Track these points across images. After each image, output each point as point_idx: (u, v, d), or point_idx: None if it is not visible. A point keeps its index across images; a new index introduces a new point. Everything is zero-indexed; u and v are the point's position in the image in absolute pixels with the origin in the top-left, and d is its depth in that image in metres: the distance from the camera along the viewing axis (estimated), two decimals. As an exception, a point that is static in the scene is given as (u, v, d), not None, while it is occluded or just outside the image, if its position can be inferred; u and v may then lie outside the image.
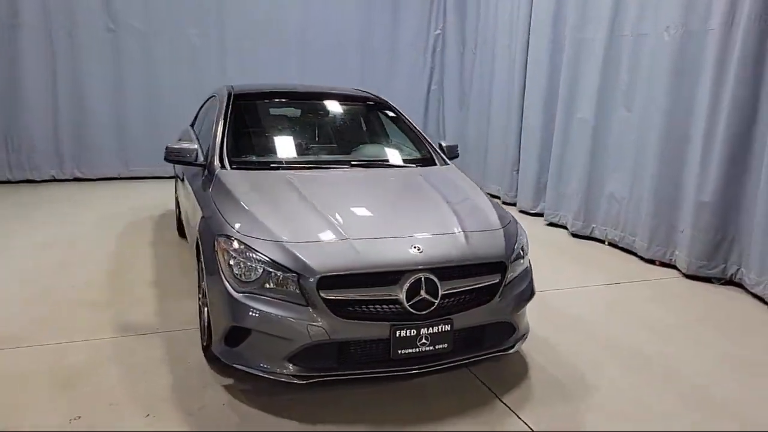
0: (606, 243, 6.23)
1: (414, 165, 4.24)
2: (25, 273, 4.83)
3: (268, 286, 2.94)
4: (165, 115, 8.89)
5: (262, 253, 2.94)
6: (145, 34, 8.64)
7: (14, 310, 4.10)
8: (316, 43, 9.48)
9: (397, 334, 2.89)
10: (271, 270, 2.92)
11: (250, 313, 2.90)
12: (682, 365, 3.64)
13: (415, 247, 3.00)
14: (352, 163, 4.10)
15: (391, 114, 4.77)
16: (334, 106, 4.80)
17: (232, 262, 3.01)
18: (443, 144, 4.58)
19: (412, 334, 2.91)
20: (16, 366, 3.35)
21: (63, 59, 8.31)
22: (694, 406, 3.19)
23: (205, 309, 3.37)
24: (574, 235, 6.51)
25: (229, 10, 8.96)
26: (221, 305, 3.03)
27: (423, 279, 2.91)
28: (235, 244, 3.01)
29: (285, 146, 4.32)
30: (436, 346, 2.97)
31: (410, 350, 2.93)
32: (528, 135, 7.40)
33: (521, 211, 7.49)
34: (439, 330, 2.96)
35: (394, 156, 4.43)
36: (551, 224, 6.93)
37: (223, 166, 3.81)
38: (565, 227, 6.72)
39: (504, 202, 7.78)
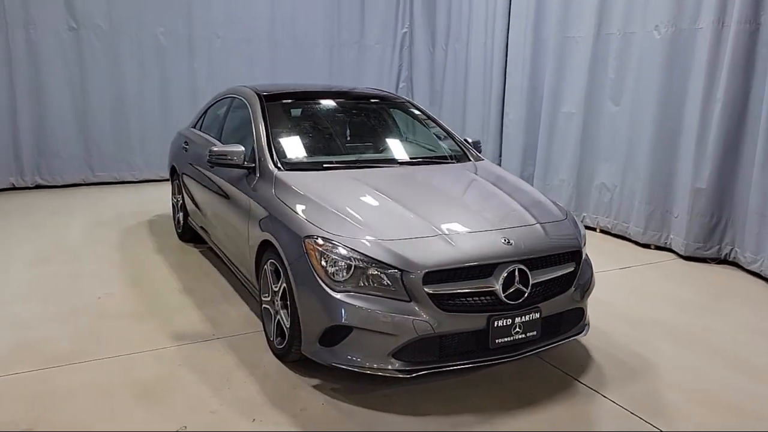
0: (597, 230, 6.57)
1: (453, 161, 4.36)
2: (36, 289, 4.56)
3: (363, 283, 2.97)
4: (132, 117, 8.61)
5: (360, 252, 2.97)
6: (109, 32, 8.28)
7: (52, 327, 3.89)
8: (285, 40, 9.41)
9: (495, 324, 3.00)
10: (369, 268, 2.95)
11: (352, 312, 2.93)
12: (717, 338, 3.96)
13: (504, 240, 3.12)
14: (399, 161, 4.18)
15: (417, 112, 4.86)
16: (363, 106, 4.83)
17: (324, 263, 3.02)
18: (469, 140, 4.72)
19: (507, 323, 3.03)
20: (90, 379, 3.22)
21: (21, 59, 7.82)
22: (746, 374, 3.48)
23: (282, 312, 3.36)
24: (565, 224, 6.82)
25: (197, 7, 8.72)
26: (316, 306, 3.03)
27: (516, 270, 3.04)
28: (329, 245, 3.02)
29: (329, 146, 4.33)
30: (527, 334, 3.11)
31: (506, 339, 3.05)
32: (511, 129, 7.67)
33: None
34: (530, 318, 3.10)
35: (433, 152, 4.51)
36: (539, 215, 7.22)
37: (279, 169, 3.79)
38: (553, 217, 7.02)
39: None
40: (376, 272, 2.96)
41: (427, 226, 3.15)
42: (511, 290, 3.03)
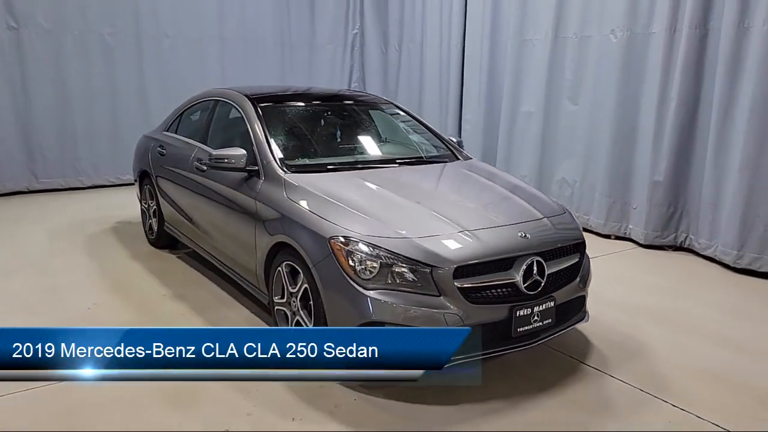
0: (558, 223, 6.92)
1: (446, 160, 4.49)
2: (16, 303, 4.36)
3: (391, 280, 3.06)
4: (78, 120, 8.24)
5: (389, 250, 3.06)
6: (53, 32, 7.89)
7: (48, 338, 3.76)
8: (235, 39, 9.28)
9: (517, 314, 3.17)
10: (396, 264, 3.05)
11: (384, 308, 3.01)
12: (694, 318, 4.32)
13: (521, 234, 3.30)
14: (397, 161, 4.29)
15: (402, 114, 4.98)
16: (352, 109, 4.89)
17: (352, 262, 3.09)
18: (453, 139, 4.88)
19: (527, 312, 3.21)
20: (114, 389, 3.13)
21: (-44, 61, 7.39)
22: (726, 348, 3.83)
23: (302, 312, 3.40)
24: (526, 219, 7.15)
25: (145, 6, 8.46)
26: (346, 304, 3.10)
27: (534, 262, 3.23)
28: (357, 244, 3.10)
29: (328, 148, 4.38)
30: (544, 322, 3.29)
31: (526, 327, 3.22)
32: (470, 129, 7.92)
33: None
34: (546, 307, 3.29)
35: (425, 152, 4.63)
36: (499, 210, 7.52)
37: (285, 171, 3.81)
38: (514, 212, 7.34)
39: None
40: (404, 268, 3.06)
41: (449, 223, 3.28)
42: (530, 281, 3.21)
